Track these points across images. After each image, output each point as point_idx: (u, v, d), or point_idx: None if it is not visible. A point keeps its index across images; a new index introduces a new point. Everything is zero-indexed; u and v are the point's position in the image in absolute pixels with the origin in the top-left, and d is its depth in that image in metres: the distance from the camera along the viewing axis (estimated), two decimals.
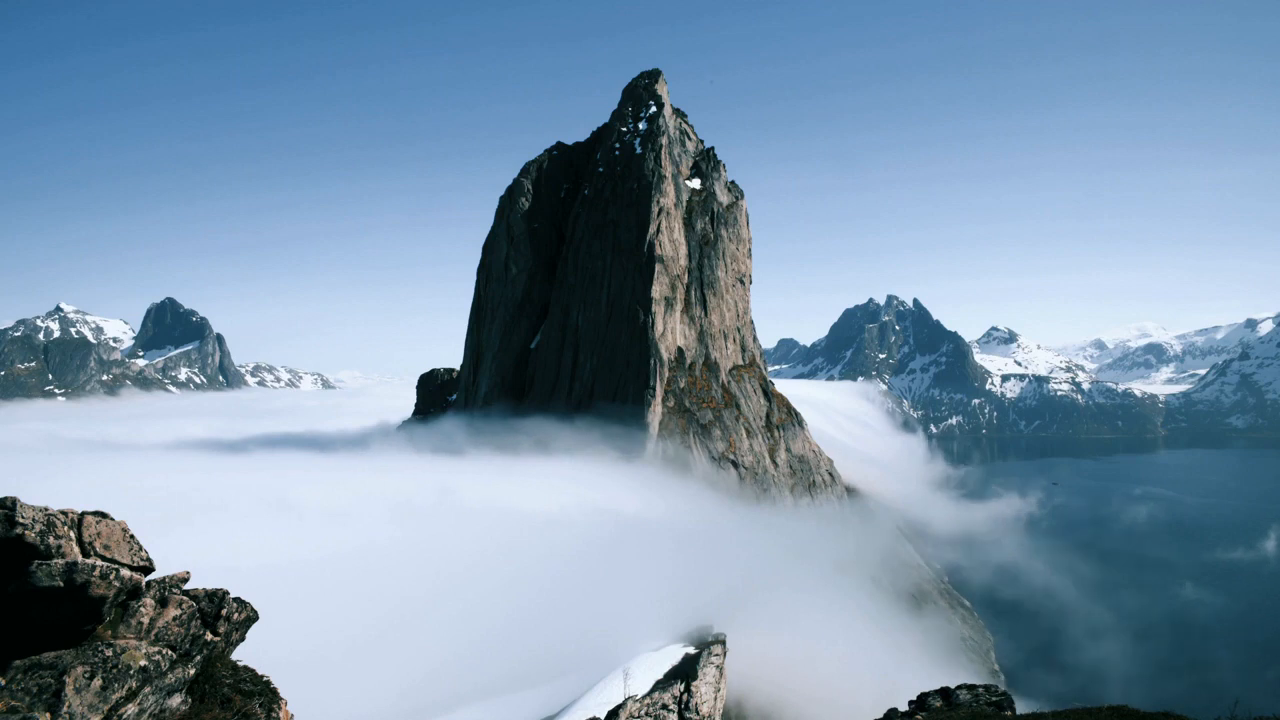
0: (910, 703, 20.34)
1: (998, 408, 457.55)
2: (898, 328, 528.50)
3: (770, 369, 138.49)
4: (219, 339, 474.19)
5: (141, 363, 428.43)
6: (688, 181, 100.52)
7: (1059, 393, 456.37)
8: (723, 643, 33.98)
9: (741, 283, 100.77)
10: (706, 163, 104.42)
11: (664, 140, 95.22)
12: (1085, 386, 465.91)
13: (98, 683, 7.29)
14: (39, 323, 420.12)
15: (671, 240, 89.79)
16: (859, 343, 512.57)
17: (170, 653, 8.35)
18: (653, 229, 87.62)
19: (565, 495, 69.56)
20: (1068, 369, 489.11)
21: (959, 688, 20.45)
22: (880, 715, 19.58)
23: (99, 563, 7.92)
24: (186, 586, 9.11)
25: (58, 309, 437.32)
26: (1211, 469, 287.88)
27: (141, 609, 8.33)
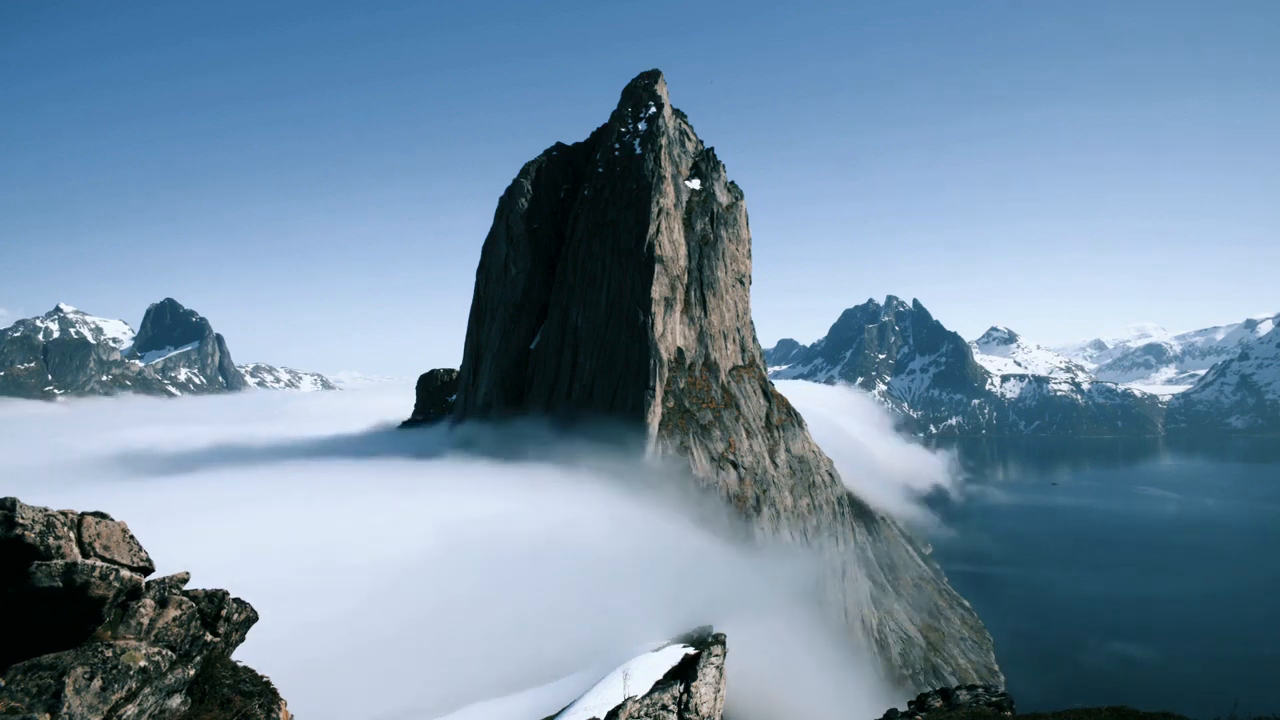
0: (910, 703, 20.37)
1: (997, 408, 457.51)
2: (897, 328, 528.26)
3: (770, 369, 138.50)
4: (219, 339, 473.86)
5: (141, 363, 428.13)
6: (687, 182, 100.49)
7: (1059, 393, 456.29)
8: (723, 643, 33.92)
9: (741, 283, 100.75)
10: (706, 163, 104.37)
11: (663, 140, 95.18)
12: (1085, 387, 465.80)
13: (97, 683, 7.29)
14: (38, 323, 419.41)
15: (671, 240, 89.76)
16: (858, 343, 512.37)
17: (170, 653, 8.35)
18: (652, 229, 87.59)
19: (564, 496, 69.54)
20: (1067, 369, 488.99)
21: (959, 688, 20.48)
22: (880, 715, 19.62)
23: (99, 563, 7.92)
24: (186, 587, 9.11)
25: (57, 309, 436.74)
26: (1211, 469, 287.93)
27: (141, 610, 8.33)
